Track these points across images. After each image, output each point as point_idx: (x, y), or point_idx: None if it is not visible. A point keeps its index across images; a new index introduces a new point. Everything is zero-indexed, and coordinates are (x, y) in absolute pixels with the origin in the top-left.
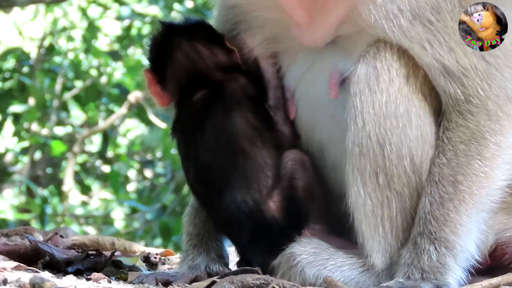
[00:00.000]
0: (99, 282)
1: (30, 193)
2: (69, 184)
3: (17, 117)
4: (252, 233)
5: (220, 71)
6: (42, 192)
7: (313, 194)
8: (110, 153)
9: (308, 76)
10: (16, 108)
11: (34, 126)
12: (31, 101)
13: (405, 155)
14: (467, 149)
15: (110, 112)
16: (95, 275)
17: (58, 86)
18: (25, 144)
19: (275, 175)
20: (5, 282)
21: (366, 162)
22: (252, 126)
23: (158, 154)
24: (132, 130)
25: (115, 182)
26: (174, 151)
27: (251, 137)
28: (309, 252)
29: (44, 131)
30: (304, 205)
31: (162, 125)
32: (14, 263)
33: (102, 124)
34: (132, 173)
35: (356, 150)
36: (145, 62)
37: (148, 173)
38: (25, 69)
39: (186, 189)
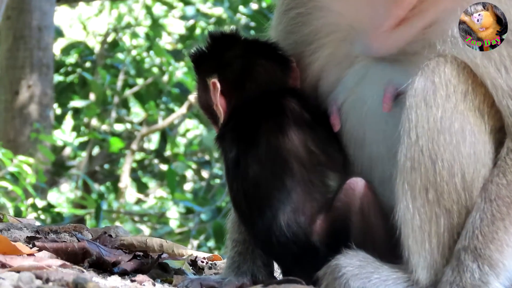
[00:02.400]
0: (143, 284)
1: (86, 189)
2: (125, 181)
3: (77, 112)
4: (296, 255)
5: (283, 89)
6: (99, 188)
7: (371, 231)
8: (168, 152)
9: (360, 89)
10: (76, 103)
11: (94, 122)
12: (92, 96)
13: (456, 172)
14: None
15: (169, 111)
16: (139, 276)
17: (119, 83)
18: (84, 139)
19: (323, 199)
20: (47, 280)
21: (417, 176)
22: (306, 148)
23: (216, 155)
24: (191, 130)
25: (171, 181)
26: None
27: (303, 159)
28: (354, 265)
29: (104, 127)
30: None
31: None
32: (59, 261)
33: (161, 122)
34: (189, 173)
35: (408, 164)
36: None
37: (205, 174)
38: (88, 64)
39: None
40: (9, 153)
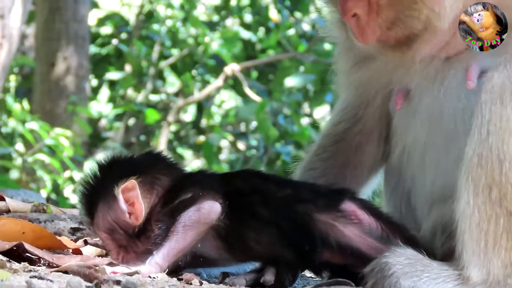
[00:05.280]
0: (190, 283)
1: None
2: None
3: (113, 84)
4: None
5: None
6: None
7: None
8: (203, 121)
9: (437, 71)
10: (112, 74)
11: (130, 93)
12: (128, 67)
13: None
14: None
15: (205, 83)
16: (187, 275)
17: (154, 54)
18: (120, 110)
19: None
20: (97, 285)
21: (482, 173)
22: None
23: (252, 125)
24: (227, 101)
25: (208, 153)
26: (268, 124)
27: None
28: (403, 263)
29: (140, 98)
30: None
31: (257, 98)
32: (106, 260)
33: (197, 94)
34: (224, 143)
35: (475, 159)
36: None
37: (240, 145)
38: (123, 35)
39: (279, 163)
40: (46, 125)
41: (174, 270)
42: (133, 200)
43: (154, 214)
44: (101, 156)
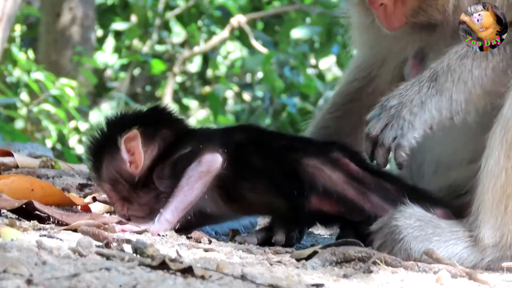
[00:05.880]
0: (200, 242)
1: None
2: (167, 103)
3: (118, 34)
4: None
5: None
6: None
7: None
8: (209, 71)
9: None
10: (118, 25)
11: (135, 43)
12: (133, 18)
13: None
14: None
15: (211, 34)
16: (196, 233)
17: (160, 5)
18: (125, 61)
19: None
20: (107, 245)
21: None
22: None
23: (258, 77)
24: (233, 52)
25: (214, 103)
26: (274, 76)
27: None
28: (414, 226)
29: (145, 49)
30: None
31: (263, 49)
32: (116, 218)
33: (203, 45)
34: (230, 94)
35: None
36: None
37: (246, 96)
38: None
39: (284, 115)
40: (51, 75)
41: (185, 227)
42: (134, 150)
43: (155, 166)
44: (107, 106)
